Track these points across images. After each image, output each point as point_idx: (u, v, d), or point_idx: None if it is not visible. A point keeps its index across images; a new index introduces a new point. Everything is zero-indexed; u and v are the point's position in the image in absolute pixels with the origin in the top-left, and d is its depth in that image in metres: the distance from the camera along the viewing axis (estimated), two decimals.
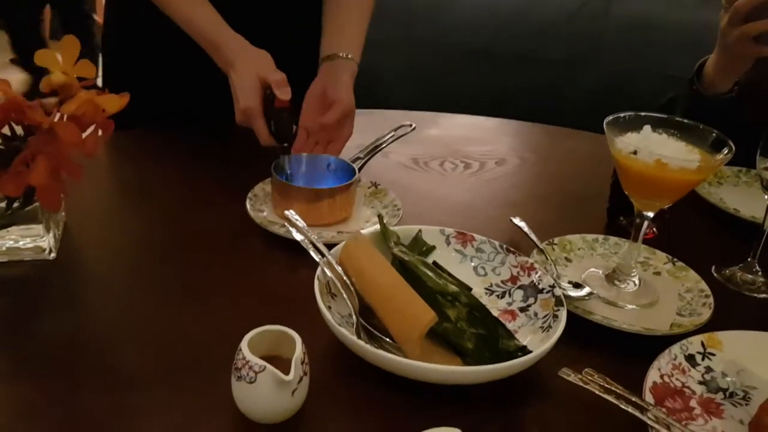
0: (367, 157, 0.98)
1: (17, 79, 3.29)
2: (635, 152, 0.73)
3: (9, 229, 0.78)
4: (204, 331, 0.71)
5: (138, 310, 0.74)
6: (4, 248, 0.78)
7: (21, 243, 0.78)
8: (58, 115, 0.65)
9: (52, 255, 0.79)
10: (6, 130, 0.73)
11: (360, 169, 0.94)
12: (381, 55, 1.66)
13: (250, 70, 0.94)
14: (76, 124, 0.67)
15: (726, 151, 0.74)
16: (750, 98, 1.11)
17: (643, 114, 0.78)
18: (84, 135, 0.67)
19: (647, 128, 0.77)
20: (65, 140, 0.63)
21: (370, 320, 0.70)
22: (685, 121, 0.78)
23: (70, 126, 0.63)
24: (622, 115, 0.77)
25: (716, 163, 0.75)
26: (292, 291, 0.77)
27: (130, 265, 0.81)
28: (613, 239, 0.90)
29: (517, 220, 0.91)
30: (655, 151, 0.72)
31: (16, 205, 0.77)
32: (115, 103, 0.66)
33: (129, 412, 0.61)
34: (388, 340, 0.69)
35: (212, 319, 0.73)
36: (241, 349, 0.59)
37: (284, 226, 0.82)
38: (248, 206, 0.87)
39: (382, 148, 1.01)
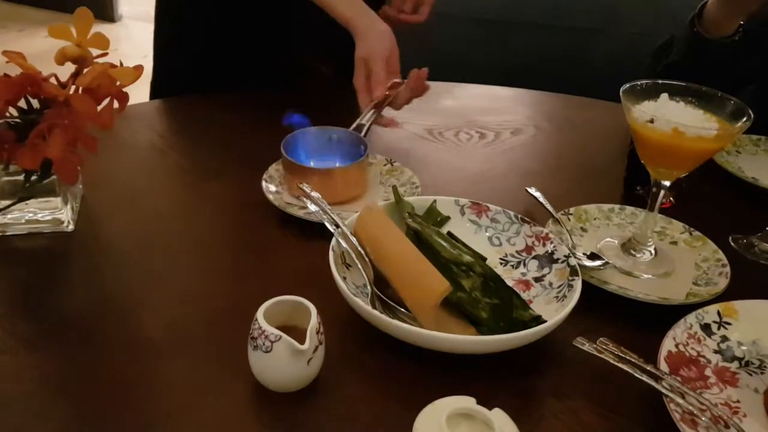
0: (369, 123, 0.96)
1: None
2: (652, 121, 0.72)
3: (28, 202, 0.79)
4: (222, 301, 0.72)
5: (155, 280, 0.75)
6: (23, 220, 0.79)
7: (40, 215, 0.79)
8: (73, 88, 0.66)
9: (71, 227, 0.80)
10: (22, 103, 0.74)
11: (365, 134, 0.93)
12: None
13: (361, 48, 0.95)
14: (92, 96, 0.67)
15: (744, 119, 0.73)
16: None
17: (660, 82, 0.77)
18: (99, 108, 0.67)
19: (664, 96, 0.76)
20: (81, 113, 0.64)
21: (384, 290, 0.71)
22: (704, 88, 0.76)
23: (86, 99, 0.64)
24: (638, 83, 0.76)
25: (734, 132, 0.74)
26: (307, 263, 0.78)
27: (148, 237, 0.82)
28: (629, 209, 0.90)
29: (532, 190, 0.91)
30: (672, 119, 0.71)
31: (34, 178, 0.78)
32: (129, 75, 0.66)
33: (149, 380, 0.63)
34: (402, 309, 0.69)
35: (230, 290, 0.74)
36: (257, 319, 0.60)
37: (301, 207, 0.82)
38: (263, 187, 0.87)
39: (380, 111, 0.99)
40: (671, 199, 0.94)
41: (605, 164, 1.06)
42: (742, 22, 1.03)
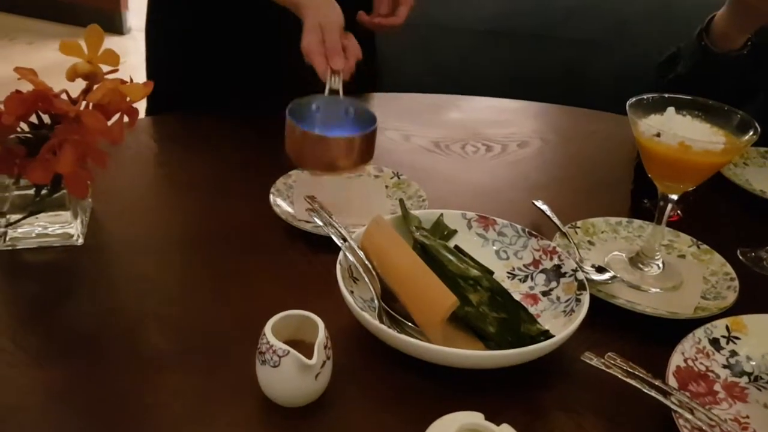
0: (340, 87, 0.91)
1: None
2: (658, 134, 0.72)
3: (38, 215, 0.79)
4: (229, 315, 0.73)
5: (164, 294, 0.75)
6: (33, 234, 0.80)
7: (50, 229, 0.80)
8: (83, 104, 0.66)
9: (80, 240, 0.80)
10: (33, 118, 0.75)
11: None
12: (398, 40, 1.65)
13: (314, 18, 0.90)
14: (102, 112, 0.68)
15: (751, 133, 0.73)
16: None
17: (666, 96, 0.77)
18: (109, 123, 0.67)
19: (671, 110, 0.76)
20: (91, 128, 0.64)
21: (392, 304, 0.71)
22: (710, 102, 0.76)
23: (96, 114, 0.64)
24: (645, 96, 0.77)
25: (741, 146, 0.74)
26: (315, 277, 0.78)
27: (156, 251, 0.82)
28: (637, 222, 0.90)
29: (539, 203, 0.91)
30: (678, 133, 0.71)
31: (44, 192, 0.78)
32: (139, 91, 0.67)
33: (156, 394, 0.63)
34: (410, 324, 0.69)
35: (237, 304, 0.74)
36: (265, 334, 0.60)
37: (308, 221, 0.82)
38: (271, 201, 0.87)
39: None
40: (679, 212, 0.94)
41: (612, 177, 1.06)
42: (750, 36, 1.03)
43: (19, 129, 0.73)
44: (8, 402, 0.61)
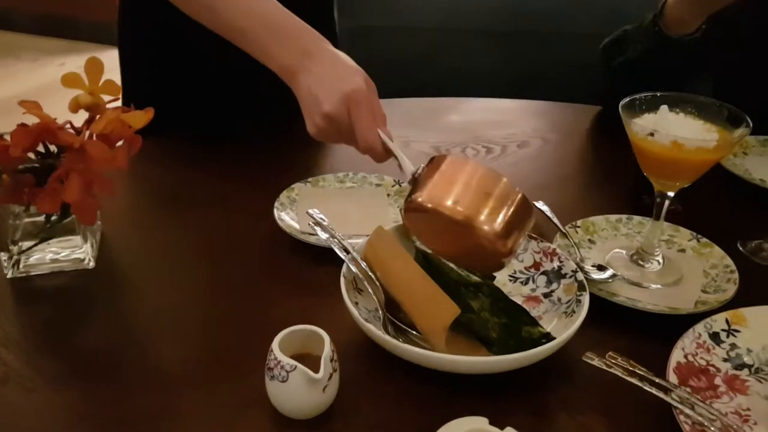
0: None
1: None
2: (652, 134, 0.73)
3: (49, 241, 0.81)
4: (239, 331, 0.75)
5: (174, 313, 0.77)
6: (46, 260, 0.82)
7: (61, 254, 0.82)
8: (87, 134, 0.68)
9: (91, 264, 0.83)
10: (40, 147, 0.77)
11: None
12: (396, 43, 1.66)
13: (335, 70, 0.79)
14: (105, 141, 0.70)
15: (744, 126, 0.73)
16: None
17: (659, 94, 0.78)
18: (113, 149, 0.69)
19: (664, 108, 0.77)
20: (96, 158, 0.66)
21: (396, 313, 0.72)
22: (700, 97, 0.77)
23: (100, 145, 0.66)
24: (638, 96, 0.78)
25: (734, 140, 0.75)
26: (321, 289, 0.80)
27: (165, 270, 0.84)
28: (636, 219, 0.91)
29: (540, 204, 0.92)
30: (672, 131, 0.72)
31: (54, 218, 0.81)
32: (140, 119, 0.69)
33: (169, 413, 0.65)
34: (415, 332, 0.71)
35: (247, 320, 0.76)
36: (272, 350, 0.62)
37: (312, 234, 0.82)
38: (275, 215, 0.89)
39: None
40: (679, 206, 0.94)
41: (613, 173, 1.07)
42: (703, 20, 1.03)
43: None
44: (27, 426, 0.63)
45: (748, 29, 1.11)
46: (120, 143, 0.71)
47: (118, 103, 0.73)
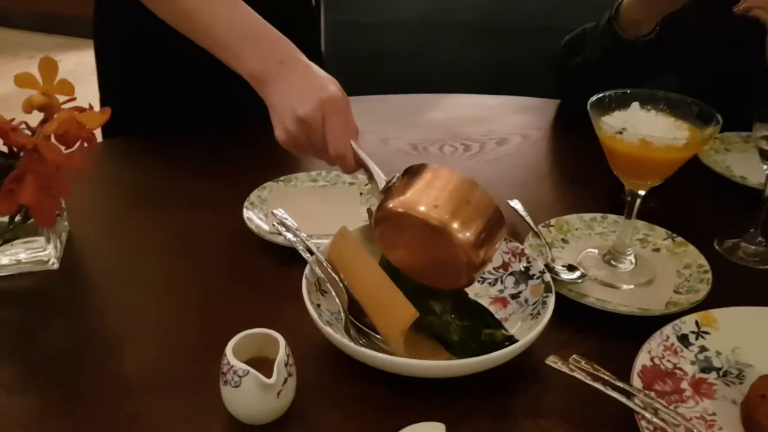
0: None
1: None
2: (621, 132, 0.72)
3: (13, 243, 0.80)
4: (200, 335, 0.73)
5: (135, 316, 0.76)
6: (12, 261, 0.81)
7: (25, 255, 0.81)
8: (42, 136, 0.67)
9: (55, 265, 0.82)
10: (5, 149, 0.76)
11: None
12: (383, 38, 1.64)
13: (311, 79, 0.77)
14: (62, 141, 0.68)
15: (714, 124, 0.72)
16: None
17: (629, 91, 0.76)
18: (69, 151, 0.68)
19: (635, 105, 0.76)
20: (50, 159, 0.65)
21: (361, 316, 0.71)
22: (672, 94, 0.76)
23: (52, 146, 0.65)
24: (607, 94, 0.76)
25: (704, 138, 0.73)
26: (287, 290, 0.78)
27: (130, 272, 0.83)
28: (611, 217, 0.89)
29: (513, 203, 0.91)
30: (642, 129, 0.71)
31: (18, 219, 0.80)
32: (96, 119, 0.68)
33: (126, 417, 0.64)
34: (378, 336, 0.69)
35: (208, 323, 0.75)
36: (225, 354, 0.61)
37: (279, 234, 0.81)
38: (244, 214, 0.88)
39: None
40: (657, 203, 0.92)
41: (593, 170, 1.04)
42: (658, 21, 1.03)
43: None
44: None
45: (697, 27, 1.11)
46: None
47: (77, 103, 0.72)
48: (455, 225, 0.64)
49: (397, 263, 0.70)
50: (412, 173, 0.70)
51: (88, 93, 1.13)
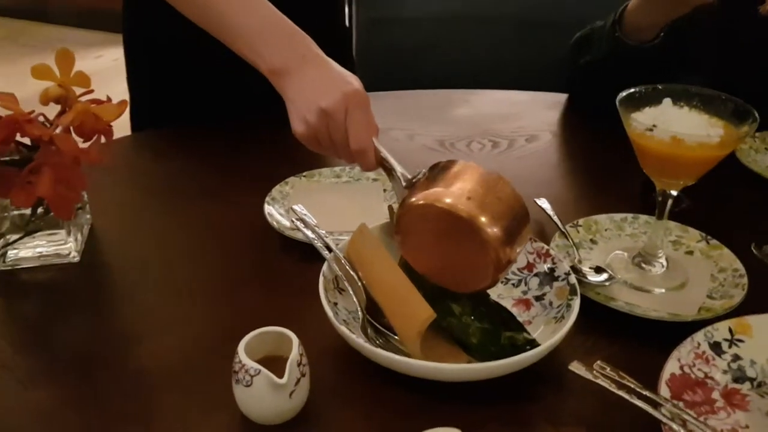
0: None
1: None
2: (651, 129, 0.69)
3: (35, 235, 0.81)
4: (218, 331, 0.72)
5: (155, 310, 0.76)
6: (32, 254, 0.81)
7: (45, 249, 0.81)
8: (59, 128, 0.67)
9: (76, 258, 0.81)
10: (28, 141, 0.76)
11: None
12: (413, 33, 1.62)
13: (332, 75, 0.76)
14: (80, 134, 0.68)
15: (750, 121, 0.68)
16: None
17: (661, 87, 0.73)
18: (87, 144, 0.68)
19: (667, 101, 0.73)
20: (65, 151, 0.65)
21: (380, 316, 0.69)
22: (706, 90, 0.72)
23: (67, 138, 0.65)
24: (637, 90, 0.73)
25: (740, 136, 0.70)
26: (305, 288, 0.76)
27: (150, 266, 0.82)
28: (643, 218, 0.86)
29: (541, 201, 0.88)
30: (673, 125, 0.68)
31: (40, 211, 0.80)
32: (112, 111, 0.67)
33: (142, 413, 0.63)
34: (396, 336, 0.68)
35: (226, 320, 0.74)
36: (237, 353, 0.59)
37: (298, 229, 0.79)
38: (265, 210, 0.87)
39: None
40: (691, 203, 0.89)
41: (625, 168, 1.01)
42: (662, 27, 1.01)
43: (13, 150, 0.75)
44: None
45: (721, 30, 1.08)
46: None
47: (95, 95, 0.71)
48: (483, 219, 0.62)
49: (417, 266, 0.68)
50: (438, 169, 0.68)
51: (126, 88, 1.15)
